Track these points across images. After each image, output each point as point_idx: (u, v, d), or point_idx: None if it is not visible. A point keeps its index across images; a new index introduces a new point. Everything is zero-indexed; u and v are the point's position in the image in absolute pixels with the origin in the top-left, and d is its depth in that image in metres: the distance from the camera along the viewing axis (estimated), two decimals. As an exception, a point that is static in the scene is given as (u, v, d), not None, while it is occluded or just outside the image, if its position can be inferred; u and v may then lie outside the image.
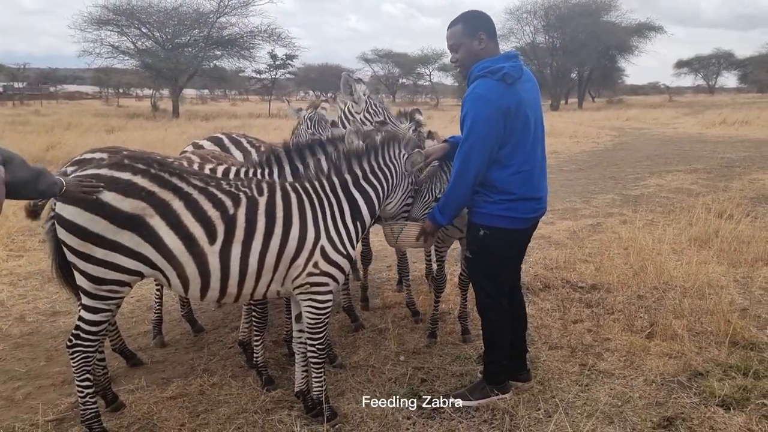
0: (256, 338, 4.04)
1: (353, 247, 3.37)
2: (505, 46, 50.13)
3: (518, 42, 52.59)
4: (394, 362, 4.35)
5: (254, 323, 4.03)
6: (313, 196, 3.30)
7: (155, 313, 4.70)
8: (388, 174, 3.52)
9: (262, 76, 49.86)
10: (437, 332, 4.77)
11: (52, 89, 75.08)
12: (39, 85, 75.31)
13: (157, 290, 4.67)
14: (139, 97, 76.18)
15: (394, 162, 3.57)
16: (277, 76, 50.52)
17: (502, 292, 3.71)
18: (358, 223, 3.39)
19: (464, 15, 3.50)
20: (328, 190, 3.34)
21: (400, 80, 72.79)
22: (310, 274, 3.23)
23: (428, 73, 69.89)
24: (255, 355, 4.06)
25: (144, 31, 38.85)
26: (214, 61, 41.63)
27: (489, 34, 3.45)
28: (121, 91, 75.41)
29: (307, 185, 3.33)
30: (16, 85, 69.31)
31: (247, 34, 40.17)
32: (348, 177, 3.43)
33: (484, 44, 3.43)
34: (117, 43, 38.22)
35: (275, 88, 53.12)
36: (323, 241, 3.24)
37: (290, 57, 46.92)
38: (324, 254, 3.23)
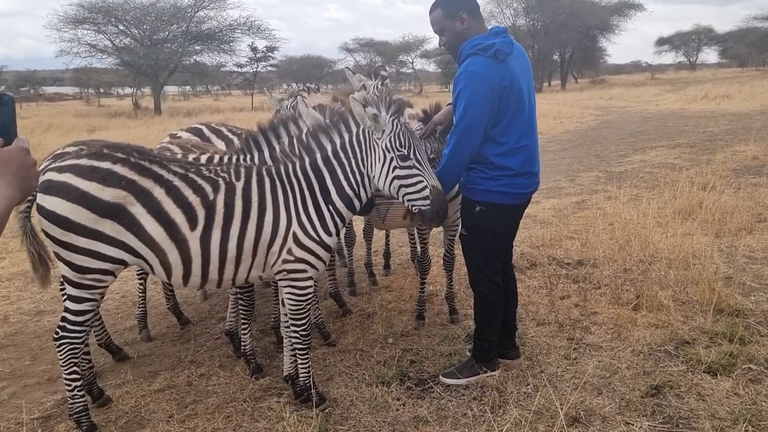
0: (243, 326, 4.01)
1: (329, 234, 3.26)
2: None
3: (499, 25, 52.36)
4: (383, 345, 4.34)
5: (241, 311, 4.00)
6: (285, 180, 3.24)
7: (139, 307, 4.65)
8: (357, 148, 3.27)
9: (243, 69, 49.47)
10: (425, 314, 4.76)
11: (34, 91, 73.96)
12: (18, 88, 74.16)
13: (140, 284, 4.61)
14: (120, 96, 75.23)
15: (356, 133, 3.28)
16: (258, 69, 50.13)
17: (496, 268, 3.71)
18: (330, 207, 3.26)
19: None
20: (299, 171, 3.26)
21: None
22: (286, 261, 3.19)
23: (411, 60, 69.54)
24: (243, 343, 4.03)
25: (121, 28, 38.36)
26: (194, 57, 41.23)
27: (471, 13, 3.41)
28: (101, 90, 74.38)
29: (281, 169, 3.27)
30: (-7, 88, 68.25)
31: (226, 27, 39.81)
32: (314, 155, 3.29)
33: (467, 23, 3.40)
34: (94, 42, 37.78)
35: (257, 82, 52.66)
36: (295, 227, 3.18)
37: (271, 49, 46.62)
38: (297, 240, 3.18)
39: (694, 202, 7.27)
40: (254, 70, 49.94)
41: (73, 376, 3.20)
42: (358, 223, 6.22)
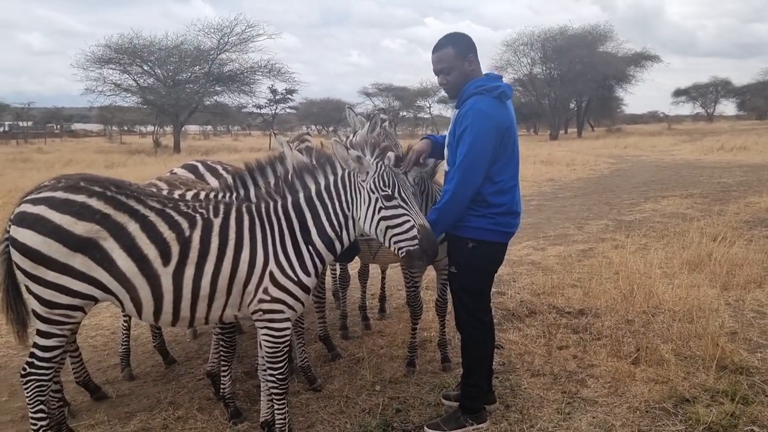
0: (223, 369, 3.90)
1: (307, 274, 3.17)
2: (503, 78, 50.68)
3: (516, 73, 53.06)
4: (370, 392, 4.19)
5: (222, 353, 3.89)
6: (264, 218, 3.18)
7: (122, 345, 4.56)
8: (341, 191, 3.22)
9: (263, 110, 50.42)
10: (416, 361, 4.61)
11: (57, 130, 76.01)
12: (45, 124, 76.20)
13: (125, 322, 4.53)
14: (142, 134, 77.00)
15: (341, 176, 3.24)
16: (277, 111, 51.08)
17: (485, 308, 3.68)
18: (310, 247, 3.19)
19: (452, 38, 3.50)
20: (280, 210, 3.21)
21: (401, 113, 73.43)
22: (262, 301, 3.11)
23: (428, 105, 70.53)
24: (222, 386, 3.91)
25: (146, 68, 39.44)
26: (215, 97, 42.10)
27: (476, 56, 3.51)
28: (125, 128, 76.16)
29: (262, 207, 3.22)
30: (21, 124, 70.25)
31: (247, 69, 40.75)
32: (297, 195, 3.25)
33: (473, 65, 3.49)
34: (119, 81, 38.83)
35: (277, 123, 53.62)
36: (272, 265, 3.10)
37: (290, 91, 47.62)
38: (273, 280, 3.10)
39: (703, 253, 7.09)
40: (273, 111, 50.88)
41: (40, 414, 3.10)
42: (354, 264, 6.11)
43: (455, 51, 3.45)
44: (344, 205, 3.22)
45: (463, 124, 3.32)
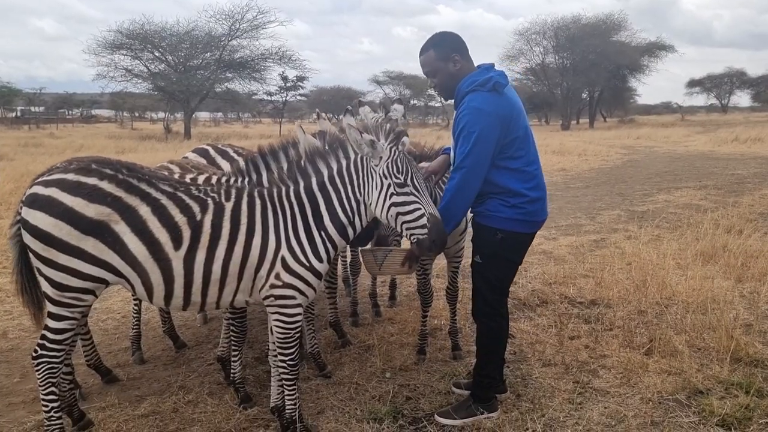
0: (234, 353, 3.89)
1: (319, 260, 3.15)
2: (515, 67, 50.21)
3: (528, 63, 52.66)
4: (380, 379, 4.18)
5: (232, 338, 3.89)
6: (277, 203, 3.15)
7: (133, 328, 4.56)
8: (354, 175, 3.20)
9: (273, 98, 50.37)
10: (426, 349, 4.59)
11: (69, 115, 76.46)
12: (57, 109, 76.62)
13: (135, 305, 4.54)
14: (153, 120, 77.29)
15: (354, 160, 3.22)
16: (288, 98, 51.01)
17: (502, 301, 3.64)
18: (322, 233, 3.16)
19: (433, 40, 3.45)
20: (292, 195, 3.18)
21: (411, 102, 73.10)
22: (273, 286, 3.08)
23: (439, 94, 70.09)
24: (232, 371, 3.91)
25: (157, 54, 39.42)
26: (226, 84, 42.07)
27: (462, 54, 3.42)
28: (136, 114, 76.45)
29: (274, 191, 3.19)
30: (33, 109, 70.69)
31: (258, 56, 40.65)
32: (309, 179, 3.21)
33: (460, 65, 3.41)
34: (130, 67, 38.87)
35: (287, 110, 53.56)
36: (284, 251, 3.07)
37: (301, 79, 47.51)
38: (285, 265, 3.07)
39: (717, 244, 7.02)
40: (284, 98, 50.81)
41: (51, 396, 3.10)
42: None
43: (436, 53, 3.40)
44: (356, 189, 3.20)
45: (460, 124, 3.27)
